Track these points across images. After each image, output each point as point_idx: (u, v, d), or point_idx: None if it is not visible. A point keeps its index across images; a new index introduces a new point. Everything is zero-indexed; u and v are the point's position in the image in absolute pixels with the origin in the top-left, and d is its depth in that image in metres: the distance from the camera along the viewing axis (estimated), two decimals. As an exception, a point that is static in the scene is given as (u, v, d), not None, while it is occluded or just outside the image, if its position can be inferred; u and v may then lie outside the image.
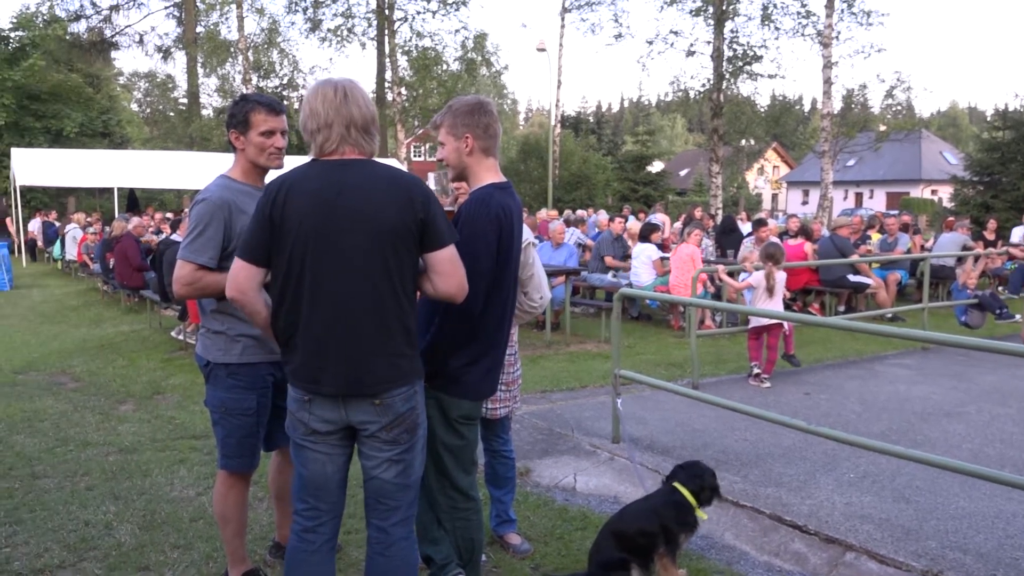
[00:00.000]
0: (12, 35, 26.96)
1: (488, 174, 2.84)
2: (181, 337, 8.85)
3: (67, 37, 31.56)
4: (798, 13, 25.74)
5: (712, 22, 25.97)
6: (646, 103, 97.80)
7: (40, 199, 25.72)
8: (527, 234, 3.19)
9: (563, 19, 34.63)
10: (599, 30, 42.54)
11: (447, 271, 2.45)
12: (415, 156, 45.64)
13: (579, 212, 19.27)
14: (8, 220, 23.62)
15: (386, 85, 31.72)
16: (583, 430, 5.44)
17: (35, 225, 22.24)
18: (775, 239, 10.15)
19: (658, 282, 10.07)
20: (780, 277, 6.97)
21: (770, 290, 6.86)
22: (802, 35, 25.90)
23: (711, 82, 26.38)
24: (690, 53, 26.91)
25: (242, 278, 2.47)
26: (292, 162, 2.64)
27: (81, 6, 33.91)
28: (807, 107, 71.10)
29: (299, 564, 2.60)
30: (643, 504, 3.41)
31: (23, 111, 26.43)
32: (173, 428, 5.60)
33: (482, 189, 2.79)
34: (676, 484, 3.38)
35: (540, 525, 3.96)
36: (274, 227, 2.40)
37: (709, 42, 26.37)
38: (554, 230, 10.67)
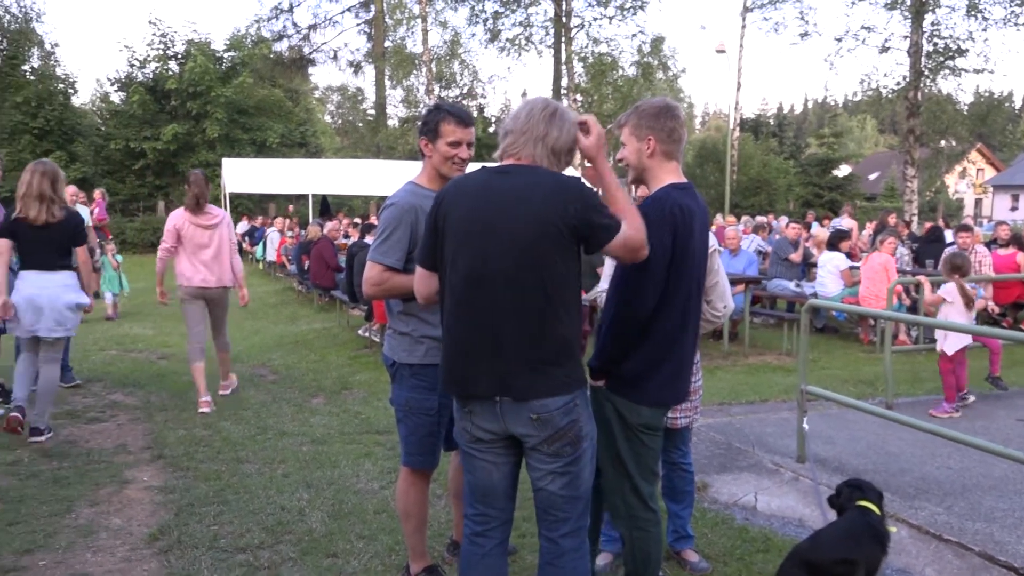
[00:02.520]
0: (226, 56, 29.61)
1: (668, 176, 2.79)
2: (367, 335, 9.33)
3: (271, 56, 34.33)
4: (1011, 0, 23.41)
5: (909, 15, 24.15)
6: (832, 103, 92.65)
7: (245, 205, 28.04)
8: (712, 241, 3.08)
9: (744, 19, 33.54)
10: (783, 29, 40.56)
11: (625, 256, 2.47)
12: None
13: (759, 218, 18.52)
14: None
15: (562, 92, 32.01)
16: (764, 447, 5.20)
17: (242, 228, 24.28)
18: (967, 248, 9.22)
19: (846, 293, 9.48)
20: (976, 290, 6.25)
21: (967, 304, 6.18)
22: (1015, 25, 23.53)
23: (907, 79, 24.52)
24: (884, 49, 25.11)
25: (421, 283, 2.66)
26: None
27: (284, 27, 36.79)
28: (1017, 104, 64.67)
29: (472, 566, 2.64)
30: (838, 530, 3.15)
31: (233, 124, 28.92)
32: (359, 423, 5.90)
33: (660, 190, 2.75)
34: (865, 503, 3.13)
35: (719, 544, 3.80)
36: (438, 234, 2.52)
37: (906, 37, 24.51)
38: (731, 236, 10.31)
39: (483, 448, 2.54)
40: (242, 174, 24.92)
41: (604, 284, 3.53)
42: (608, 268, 4.01)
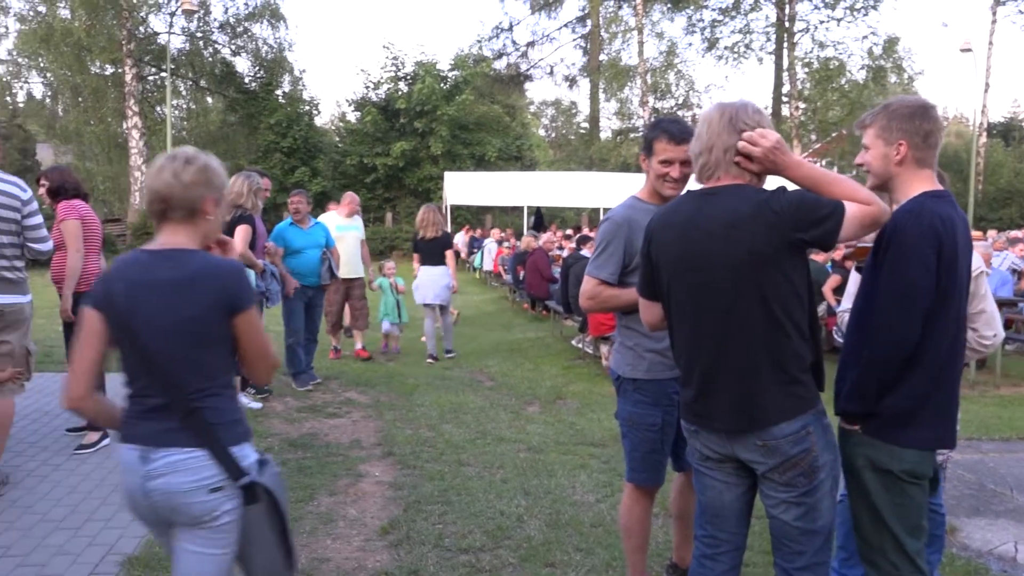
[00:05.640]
0: (450, 75, 31.26)
1: (920, 184, 2.43)
2: (580, 346, 9.40)
3: (491, 73, 35.78)
4: None
5: None
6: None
7: (464, 216, 29.38)
8: (976, 260, 2.76)
9: (994, 13, 30.41)
10: (1043, 21, 36.41)
11: (869, 229, 2.27)
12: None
13: (1012, 233, 16.62)
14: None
15: (783, 99, 30.65)
16: (1025, 490, 4.62)
17: (460, 239, 25.45)
18: None
19: None
20: None
21: None
22: None
23: None
24: None
25: (645, 312, 2.64)
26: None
27: (504, 45, 38.29)
28: None
29: None
30: None
31: (455, 140, 30.45)
32: (574, 433, 5.93)
33: (912, 200, 2.39)
34: None
35: (972, 595, 3.42)
36: (651, 264, 2.47)
37: None
38: (982, 253, 9.30)
39: (713, 467, 2.45)
40: (462, 187, 26.32)
41: (847, 303, 3.29)
42: (851, 286, 3.74)
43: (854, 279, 3.85)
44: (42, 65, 30.03)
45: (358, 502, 4.43)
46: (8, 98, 36.16)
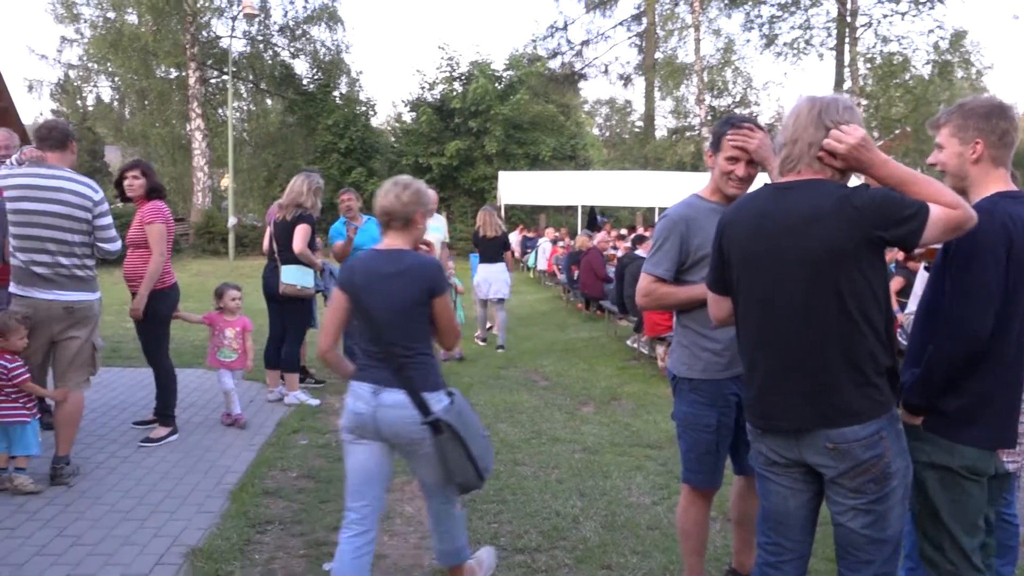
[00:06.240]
0: (504, 75, 31.33)
1: (995, 184, 2.44)
2: (636, 346, 9.32)
3: (545, 72, 35.76)
4: None
5: None
6: None
7: (518, 215, 29.41)
8: None
9: (1072, 2, 29.17)
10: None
11: (954, 233, 2.18)
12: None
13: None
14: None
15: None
16: (1105, 502, 4.41)
17: (514, 238, 25.51)
18: None
19: None
20: None
21: None
22: None
23: None
24: None
25: (713, 307, 2.62)
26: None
27: (558, 44, 38.22)
28: None
29: None
30: None
31: (509, 140, 30.48)
32: (629, 434, 5.89)
33: (986, 199, 2.40)
34: None
35: (1049, 610, 3.28)
36: (723, 258, 2.45)
37: None
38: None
39: (778, 472, 2.40)
40: (516, 186, 26.33)
41: (912, 305, 3.20)
42: (918, 287, 3.64)
43: (921, 280, 3.75)
44: (110, 69, 31.03)
45: (414, 500, 4.46)
46: (79, 102, 37.50)
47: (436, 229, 8.27)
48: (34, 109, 75.49)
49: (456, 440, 2.90)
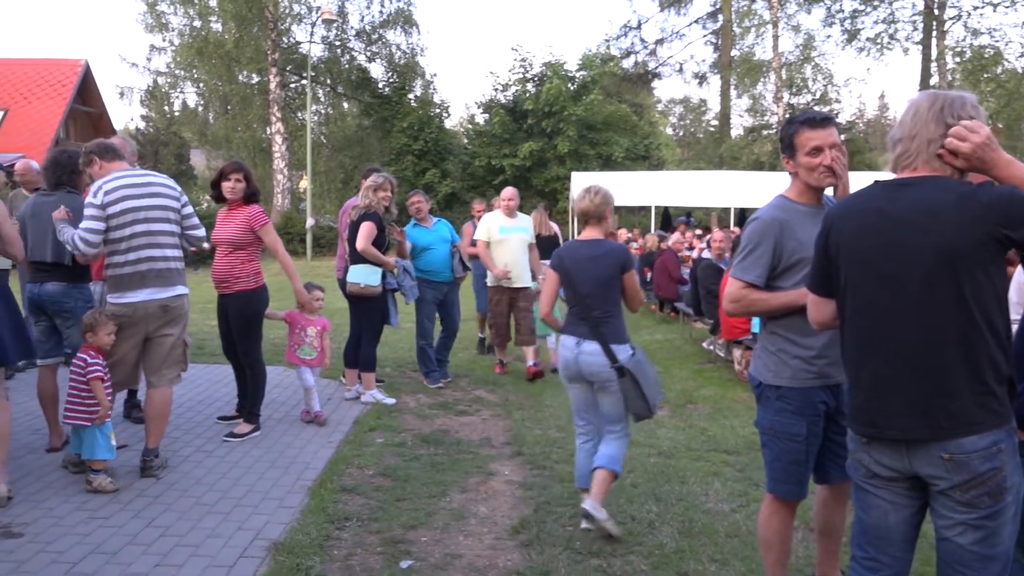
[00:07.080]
0: (577, 75, 31.23)
1: None
2: (712, 349, 9.16)
3: (619, 72, 35.50)
4: None
5: None
6: None
7: (590, 216, 29.24)
8: None
9: None
10: None
11: None
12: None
13: None
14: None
15: (932, 91, 28.81)
16: None
17: (586, 239, 25.43)
18: None
19: None
20: None
21: None
22: None
23: None
24: None
25: (815, 310, 2.49)
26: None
27: (632, 44, 37.89)
28: None
29: None
30: None
31: (581, 140, 30.36)
32: (706, 440, 5.78)
33: None
34: None
35: None
36: (829, 258, 2.33)
37: None
38: None
39: (880, 485, 2.28)
40: (589, 187, 26.09)
41: (1014, 313, 3.05)
42: (1013, 293, 3.47)
43: (1016, 285, 3.56)
44: (196, 76, 32.20)
45: (488, 500, 4.47)
46: (166, 107, 39.01)
47: (523, 229, 7.93)
48: (125, 115, 78.98)
49: (634, 382, 3.91)
